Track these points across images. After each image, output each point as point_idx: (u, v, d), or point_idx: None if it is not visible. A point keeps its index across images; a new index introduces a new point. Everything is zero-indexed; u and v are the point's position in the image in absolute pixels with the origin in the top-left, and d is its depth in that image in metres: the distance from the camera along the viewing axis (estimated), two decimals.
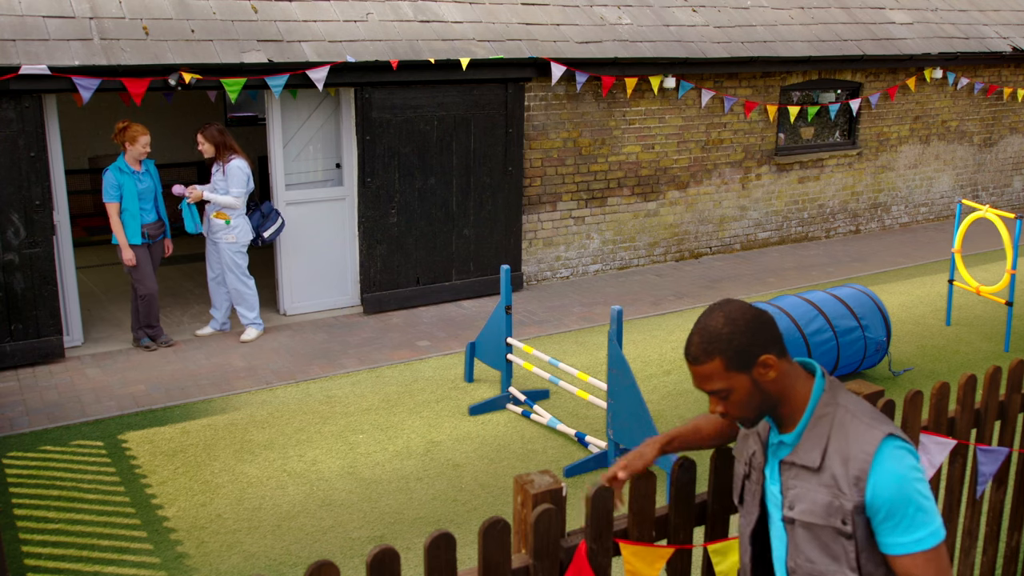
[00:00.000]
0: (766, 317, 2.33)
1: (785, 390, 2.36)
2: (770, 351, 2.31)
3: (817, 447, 2.31)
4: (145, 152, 7.73)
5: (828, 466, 2.28)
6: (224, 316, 8.49)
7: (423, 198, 9.19)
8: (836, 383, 2.40)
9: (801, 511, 2.33)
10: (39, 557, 4.99)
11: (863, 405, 2.35)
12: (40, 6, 7.64)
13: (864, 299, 7.48)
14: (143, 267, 7.86)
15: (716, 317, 2.31)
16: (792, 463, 2.37)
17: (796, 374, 2.37)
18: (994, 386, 3.74)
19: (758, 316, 2.31)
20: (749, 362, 2.29)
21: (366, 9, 8.95)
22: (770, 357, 2.30)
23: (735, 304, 2.34)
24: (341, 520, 5.42)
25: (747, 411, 2.35)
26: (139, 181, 7.77)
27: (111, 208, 7.70)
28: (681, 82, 10.44)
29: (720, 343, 2.28)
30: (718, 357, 2.28)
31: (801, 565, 2.36)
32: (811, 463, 2.31)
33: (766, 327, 2.31)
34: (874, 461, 2.22)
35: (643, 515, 2.72)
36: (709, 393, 2.35)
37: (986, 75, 13.32)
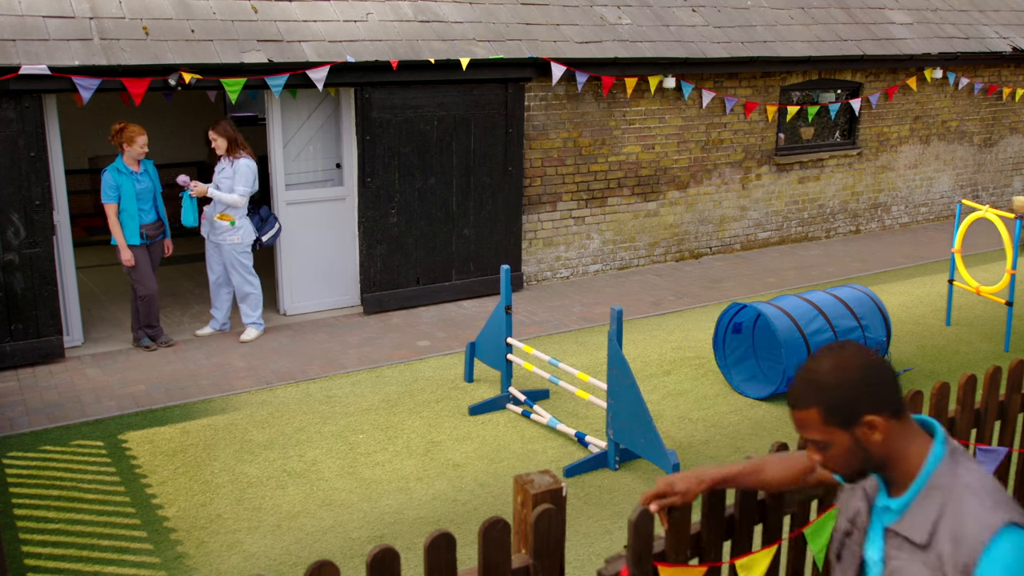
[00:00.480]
0: (882, 371, 2.05)
1: (894, 453, 2.09)
2: (880, 411, 2.05)
3: (927, 521, 2.05)
4: (143, 152, 7.73)
5: (936, 545, 2.02)
6: (224, 316, 8.49)
7: (423, 198, 9.19)
8: (958, 449, 2.11)
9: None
10: (39, 557, 4.99)
11: (986, 481, 2.04)
12: (40, 6, 7.64)
13: (864, 299, 7.48)
14: (142, 267, 7.85)
15: (824, 362, 2.08)
16: (897, 533, 2.11)
17: (910, 435, 2.09)
18: (994, 386, 3.74)
19: (873, 369, 2.04)
20: (851, 419, 2.04)
21: (366, 9, 8.95)
22: (877, 419, 2.04)
23: (850, 351, 2.07)
24: (341, 520, 5.41)
25: (846, 468, 2.11)
26: (137, 181, 7.76)
27: (109, 209, 7.69)
28: (681, 82, 10.44)
29: (821, 393, 2.05)
30: (815, 407, 2.06)
31: None
32: (918, 538, 2.05)
33: (878, 383, 2.04)
34: (988, 549, 1.94)
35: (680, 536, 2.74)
36: (806, 441, 2.13)
37: (986, 75, 13.32)
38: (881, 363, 2.07)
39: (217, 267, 8.31)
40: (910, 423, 2.11)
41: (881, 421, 2.05)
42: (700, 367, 7.78)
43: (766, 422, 6.75)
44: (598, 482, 5.85)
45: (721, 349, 7.43)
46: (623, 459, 6.05)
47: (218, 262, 8.29)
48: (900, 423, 2.08)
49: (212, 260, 8.31)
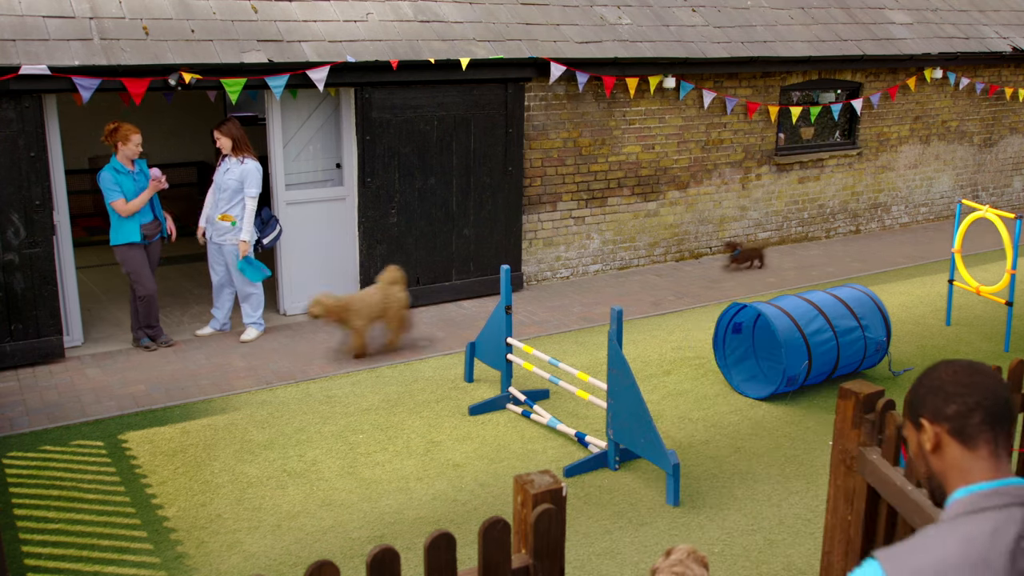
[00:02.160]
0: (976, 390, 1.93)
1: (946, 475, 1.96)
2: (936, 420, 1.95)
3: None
4: (138, 151, 7.74)
5: None
6: (225, 317, 8.49)
7: (423, 198, 9.19)
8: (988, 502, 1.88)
9: None
10: (39, 557, 4.99)
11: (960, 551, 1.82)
12: (40, 6, 7.64)
13: (864, 299, 7.48)
14: (141, 268, 7.84)
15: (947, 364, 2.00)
16: None
17: (971, 470, 1.92)
18: None
19: (962, 378, 1.94)
20: (914, 416, 2.01)
21: (366, 9, 8.95)
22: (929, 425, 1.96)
23: (968, 364, 1.98)
24: (341, 520, 5.41)
25: (921, 473, 2.06)
26: (135, 180, 7.75)
27: (118, 204, 7.62)
28: (681, 82, 10.44)
29: (912, 386, 2.03)
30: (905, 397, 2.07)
31: None
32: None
33: (955, 394, 1.93)
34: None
35: None
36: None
37: (986, 75, 13.32)
38: (982, 378, 1.94)
39: (219, 268, 8.31)
40: (980, 457, 1.93)
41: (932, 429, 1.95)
42: (700, 367, 7.78)
43: (766, 422, 6.75)
44: (598, 482, 5.85)
45: (721, 349, 7.43)
46: (623, 459, 6.05)
47: (220, 263, 8.29)
48: (966, 449, 1.93)
49: (214, 261, 8.32)
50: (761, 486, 5.83)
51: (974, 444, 1.92)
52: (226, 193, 8.08)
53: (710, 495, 5.71)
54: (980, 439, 1.92)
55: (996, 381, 1.94)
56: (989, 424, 1.92)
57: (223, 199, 8.10)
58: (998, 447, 1.92)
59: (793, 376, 6.94)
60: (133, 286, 7.93)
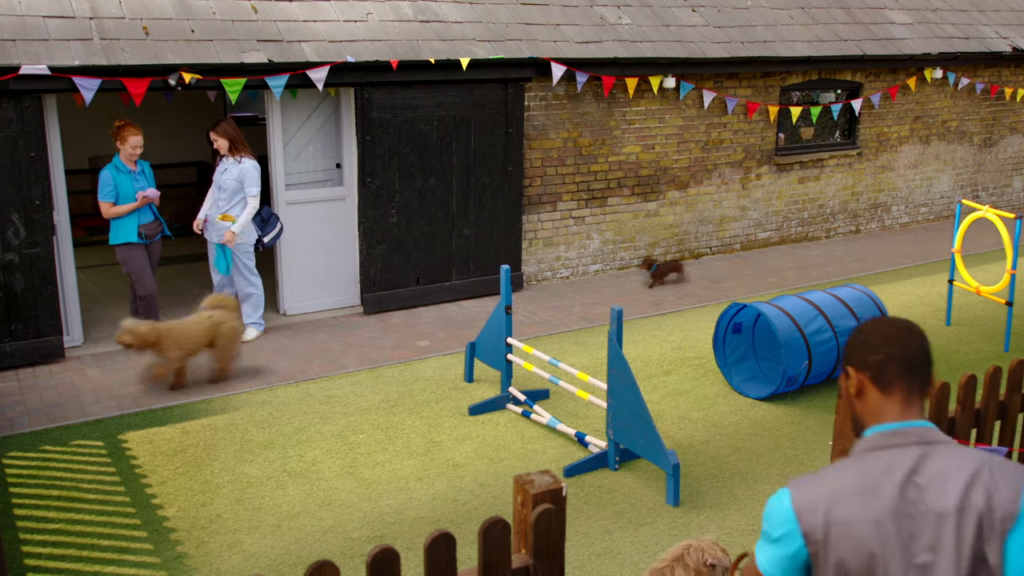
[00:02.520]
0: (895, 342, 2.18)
1: (864, 417, 2.22)
2: (861, 368, 2.20)
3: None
4: (136, 153, 7.72)
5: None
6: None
7: (423, 198, 9.19)
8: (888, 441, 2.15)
9: None
10: (39, 557, 4.99)
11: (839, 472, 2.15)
12: (40, 6, 7.64)
13: (864, 299, 7.48)
14: (141, 268, 7.84)
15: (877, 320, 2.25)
16: None
17: (883, 412, 2.18)
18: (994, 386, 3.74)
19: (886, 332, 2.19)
20: (845, 364, 2.25)
21: (366, 9, 8.95)
22: (855, 371, 2.21)
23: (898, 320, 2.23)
24: (341, 520, 5.42)
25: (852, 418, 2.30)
26: (135, 180, 7.75)
27: (104, 206, 7.64)
28: (681, 82, 10.44)
29: (849, 337, 2.27)
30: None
31: None
32: None
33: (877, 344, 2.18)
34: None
35: None
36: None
37: (986, 75, 13.32)
38: (904, 339, 2.17)
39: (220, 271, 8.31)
40: (893, 401, 2.17)
41: (857, 376, 2.19)
42: (700, 367, 7.78)
43: (766, 422, 6.75)
44: (598, 482, 5.85)
45: (721, 349, 7.43)
46: (623, 459, 6.05)
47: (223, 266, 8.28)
48: (883, 394, 2.17)
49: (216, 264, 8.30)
50: (761, 486, 5.83)
51: (889, 390, 2.17)
52: (226, 193, 8.08)
53: (710, 495, 5.71)
54: (895, 386, 2.17)
55: (916, 336, 2.20)
56: (904, 373, 2.17)
57: (223, 199, 8.10)
58: (911, 394, 2.17)
59: (793, 376, 6.94)
60: (134, 286, 7.93)
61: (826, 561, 2.10)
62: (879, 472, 2.10)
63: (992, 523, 2.01)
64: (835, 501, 2.10)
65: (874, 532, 2.07)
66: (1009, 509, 2.01)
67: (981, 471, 2.07)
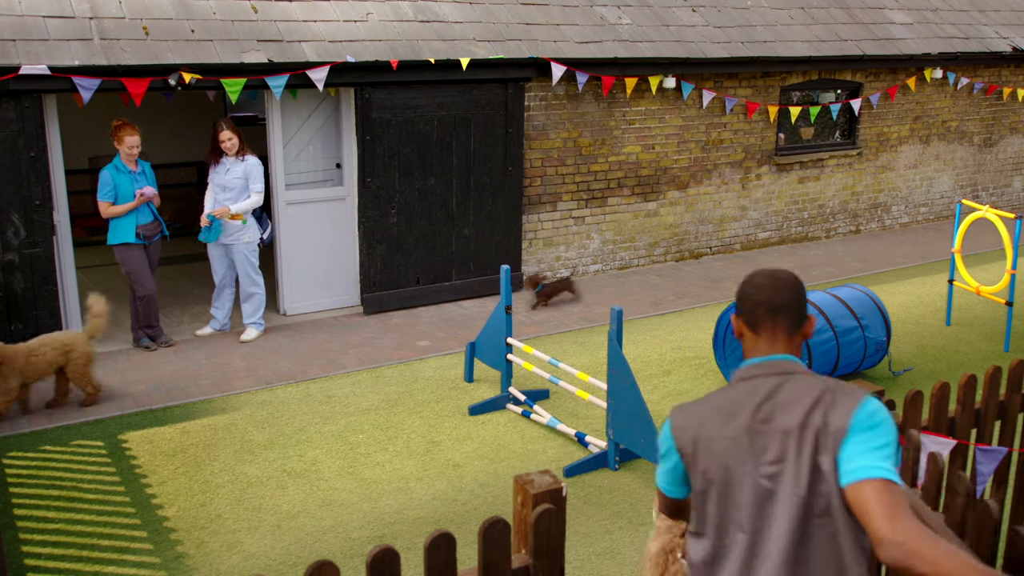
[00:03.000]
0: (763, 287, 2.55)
1: (746, 355, 2.60)
2: (739, 314, 2.61)
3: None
4: (132, 153, 7.65)
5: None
6: (225, 317, 8.49)
7: (423, 198, 9.20)
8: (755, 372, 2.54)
9: None
10: (39, 557, 5.00)
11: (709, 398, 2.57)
12: (40, 6, 7.64)
13: (864, 299, 7.48)
14: (140, 268, 7.82)
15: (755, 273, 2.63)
16: None
17: (755, 349, 2.58)
18: (994, 386, 3.75)
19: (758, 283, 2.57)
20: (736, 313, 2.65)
21: (366, 9, 8.95)
22: (735, 317, 2.62)
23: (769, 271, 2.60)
24: (341, 520, 5.42)
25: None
26: (135, 181, 7.71)
27: (102, 205, 7.61)
28: (681, 82, 10.44)
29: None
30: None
31: None
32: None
33: (751, 294, 2.56)
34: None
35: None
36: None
37: (986, 75, 13.32)
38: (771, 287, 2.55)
39: (221, 268, 8.30)
40: (760, 342, 2.57)
41: (737, 321, 2.62)
42: (700, 367, 7.78)
43: None
44: (598, 482, 5.85)
45: (721, 349, 7.43)
46: (623, 459, 6.05)
47: (222, 264, 8.27)
48: (754, 334, 2.57)
49: (216, 262, 8.29)
50: None
51: (758, 330, 2.56)
52: (232, 192, 8.07)
53: None
54: (763, 327, 2.55)
55: (782, 284, 2.56)
56: (770, 316, 2.54)
57: (229, 199, 8.08)
58: (776, 333, 2.55)
59: None
60: (133, 286, 7.92)
61: (695, 471, 2.52)
62: (742, 397, 2.49)
63: (827, 438, 2.33)
64: (703, 422, 2.52)
65: (730, 447, 2.45)
66: (841, 426, 2.33)
67: (824, 395, 2.41)
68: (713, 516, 2.48)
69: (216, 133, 8.10)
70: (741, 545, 2.41)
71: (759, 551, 2.38)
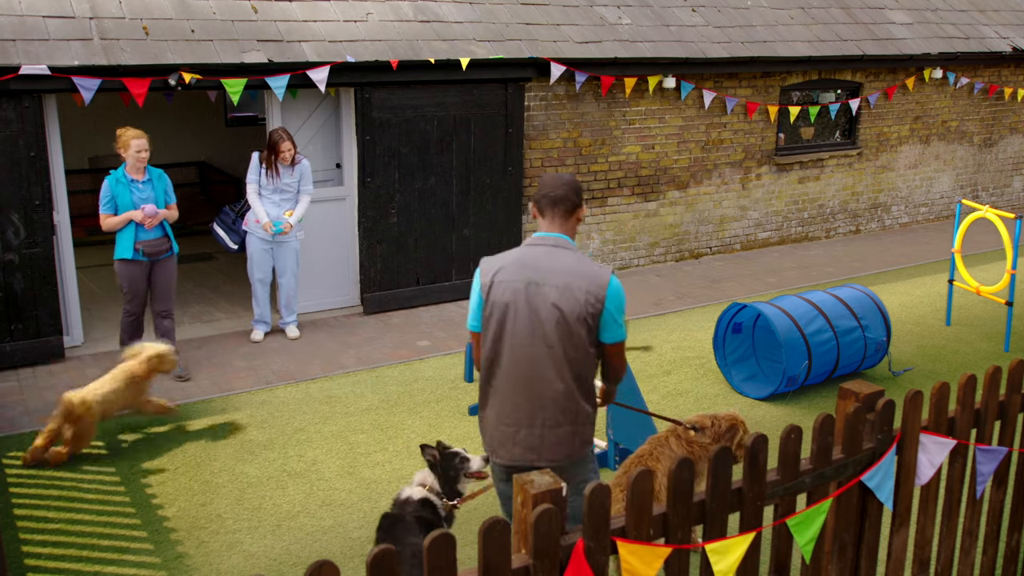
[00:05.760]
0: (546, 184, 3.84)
1: (538, 229, 3.88)
2: (533, 203, 3.83)
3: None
4: (141, 157, 7.05)
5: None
6: (269, 315, 8.45)
7: (423, 198, 9.20)
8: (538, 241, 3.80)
9: None
10: (39, 557, 5.00)
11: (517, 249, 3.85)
12: (40, 6, 7.64)
13: (864, 299, 7.48)
14: (131, 286, 7.19)
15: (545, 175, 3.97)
16: None
17: (541, 227, 3.83)
18: (994, 386, 3.74)
19: (545, 181, 3.85)
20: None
21: (366, 9, 8.95)
22: (532, 204, 3.83)
23: (554, 175, 3.88)
24: (341, 520, 5.42)
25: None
26: (137, 190, 7.07)
27: (100, 218, 7.05)
28: (681, 82, 10.44)
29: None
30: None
31: None
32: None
33: (539, 188, 3.85)
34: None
35: (641, 513, 2.72)
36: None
37: (986, 75, 13.32)
38: (551, 183, 3.82)
39: (268, 268, 8.23)
40: (545, 222, 3.81)
41: (533, 207, 3.85)
42: (700, 367, 7.78)
43: (766, 422, 6.75)
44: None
45: (721, 349, 7.43)
46: (623, 459, 6.04)
47: (269, 263, 8.22)
48: (541, 217, 3.83)
49: (264, 262, 8.19)
50: None
51: (542, 214, 3.82)
52: (289, 195, 8.10)
53: None
54: (545, 212, 3.81)
55: (561, 183, 3.80)
56: (550, 205, 3.78)
57: (286, 199, 8.09)
58: (554, 217, 3.79)
59: (793, 376, 6.94)
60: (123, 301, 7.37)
61: (489, 304, 3.74)
62: (527, 256, 3.74)
63: (582, 303, 3.63)
64: (500, 269, 3.75)
65: (512, 289, 3.70)
66: (598, 294, 3.63)
67: (587, 270, 3.67)
68: (492, 335, 3.75)
69: (277, 143, 7.87)
70: (509, 345, 3.71)
71: (520, 349, 3.70)
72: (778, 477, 3.15)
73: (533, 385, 3.68)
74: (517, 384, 3.70)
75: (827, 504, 3.21)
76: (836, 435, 3.37)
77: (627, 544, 2.68)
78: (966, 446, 3.69)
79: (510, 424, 3.75)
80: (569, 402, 3.68)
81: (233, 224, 8.49)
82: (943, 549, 3.76)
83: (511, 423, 3.74)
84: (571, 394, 3.68)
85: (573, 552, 2.58)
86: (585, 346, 3.64)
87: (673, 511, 2.82)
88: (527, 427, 3.72)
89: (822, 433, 3.22)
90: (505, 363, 3.71)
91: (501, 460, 3.82)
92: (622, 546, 2.67)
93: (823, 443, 3.23)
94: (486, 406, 3.85)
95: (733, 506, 2.99)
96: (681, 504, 2.83)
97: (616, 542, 2.67)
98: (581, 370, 3.68)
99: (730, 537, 2.92)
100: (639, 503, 2.70)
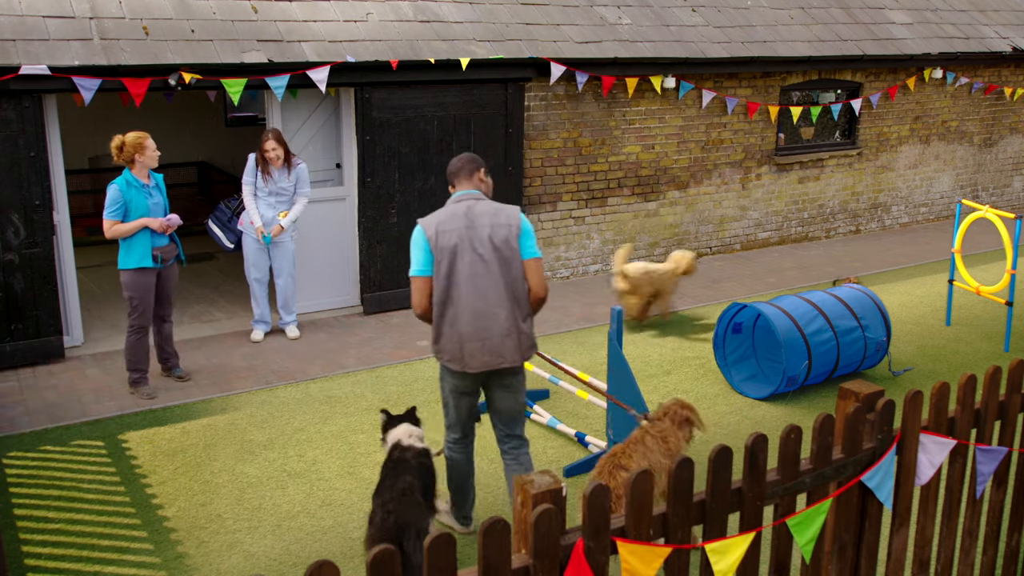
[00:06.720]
0: (452, 163, 4.92)
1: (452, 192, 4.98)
2: (447, 176, 4.96)
3: None
4: (156, 155, 6.83)
5: None
6: (268, 315, 8.45)
7: (423, 198, 9.19)
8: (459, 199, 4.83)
9: None
10: (39, 557, 5.00)
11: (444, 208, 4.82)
12: (40, 6, 7.64)
13: (864, 299, 7.48)
14: (145, 296, 6.89)
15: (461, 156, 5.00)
16: None
17: (459, 189, 4.87)
18: (994, 386, 3.74)
19: (453, 161, 4.92)
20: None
21: (366, 9, 8.95)
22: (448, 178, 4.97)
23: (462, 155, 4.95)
24: (341, 520, 5.42)
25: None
26: (150, 196, 6.84)
27: (106, 223, 6.69)
28: (681, 82, 10.44)
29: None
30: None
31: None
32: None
33: (451, 165, 4.93)
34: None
35: (641, 513, 2.72)
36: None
37: (986, 75, 13.32)
38: (457, 163, 4.89)
39: (265, 268, 8.24)
40: (458, 187, 4.86)
41: (449, 179, 4.93)
42: (700, 367, 7.78)
43: (766, 422, 6.75)
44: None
45: (721, 349, 7.43)
46: None
47: (265, 264, 8.23)
48: (455, 185, 4.89)
49: (260, 262, 8.20)
50: None
51: (455, 183, 4.87)
52: (285, 197, 8.09)
53: None
54: (456, 180, 4.87)
55: (460, 158, 4.91)
56: (456, 173, 4.86)
57: (282, 202, 8.09)
58: (463, 180, 4.85)
59: (793, 376, 6.94)
60: (130, 314, 6.97)
61: (437, 248, 4.63)
62: (457, 210, 4.71)
63: (510, 228, 4.68)
64: (440, 223, 4.68)
65: (456, 234, 4.64)
66: (515, 224, 4.70)
67: (502, 208, 4.75)
68: (444, 275, 4.61)
69: (262, 143, 7.84)
70: (463, 277, 4.61)
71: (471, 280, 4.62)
72: (778, 477, 3.15)
73: (488, 309, 4.63)
74: (475, 310, 4.61)
75: (827, 504, 3.21)
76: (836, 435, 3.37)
77: (627, 544, 2.68)
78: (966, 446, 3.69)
79: (474, 340, 4.63)
80: (512, 318, 4.67)
81: (228, 222, 8.48)
82: (943, 549, 3.76)
83: (475, 339, 4.63)
84: (512, 312, 4.66)
85: (573, 552, 2.58)
86: (517, 265, 4.66)
87: (673, 511, 2.82)
88: (487, 339, 4.64)
89: (822, 433, 3.22)
90: (461, 294, 4.61)
91: (474, 369, 4.68)
92: (622, 546, 2.67)
93: (823, 443, 3.23)
94: (442, 335, 4.70)
95: (733, 506, 2.99)
96: (681, 504, 2.83)
97: (616, 542, 2.67)
98: (516, 290, 4.67)
99: (730, 537, 2.92)
100: (639, 503, 2.70)
